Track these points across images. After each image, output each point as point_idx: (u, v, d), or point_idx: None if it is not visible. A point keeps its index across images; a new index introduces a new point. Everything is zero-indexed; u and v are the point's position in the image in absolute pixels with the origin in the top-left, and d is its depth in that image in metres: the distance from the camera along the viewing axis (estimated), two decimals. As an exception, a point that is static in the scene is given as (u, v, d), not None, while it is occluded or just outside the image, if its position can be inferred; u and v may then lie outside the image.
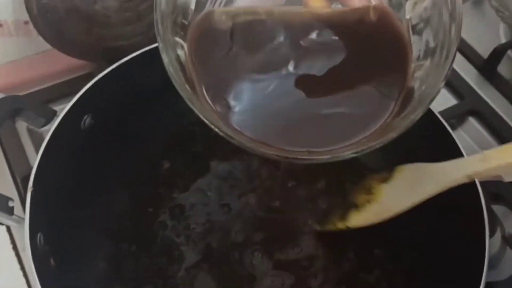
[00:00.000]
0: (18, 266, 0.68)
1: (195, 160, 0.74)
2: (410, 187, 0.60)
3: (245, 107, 0.50)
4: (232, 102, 0.49)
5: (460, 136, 0.85)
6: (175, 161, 0.74)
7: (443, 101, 0.88)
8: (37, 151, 0.61)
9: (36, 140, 0.77)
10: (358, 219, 0.63)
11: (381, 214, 0.61)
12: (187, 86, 0.47)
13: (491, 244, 0.69)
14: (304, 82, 0.51)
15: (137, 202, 0.71)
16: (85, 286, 0.64)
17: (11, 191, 0.74)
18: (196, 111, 0.45)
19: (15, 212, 0.58)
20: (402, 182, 0.61)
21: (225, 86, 0.50)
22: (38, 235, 0.56)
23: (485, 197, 0.59)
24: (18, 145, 0.78)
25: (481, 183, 0.59)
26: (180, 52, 0.48)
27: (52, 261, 0.59)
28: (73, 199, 0.63)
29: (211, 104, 0.49)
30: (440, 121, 0.65)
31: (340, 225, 0.65)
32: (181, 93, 0.46)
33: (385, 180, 0.64)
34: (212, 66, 0.51)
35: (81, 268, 0.64)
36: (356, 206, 0.64)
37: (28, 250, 0.53)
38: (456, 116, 0.87)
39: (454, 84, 0.89)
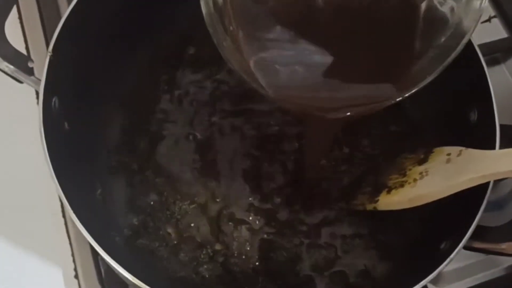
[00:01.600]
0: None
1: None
2: (449, 173, 0.54)
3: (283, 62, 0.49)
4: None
5: (500, 73, 0.81)
6: (201, 47, 0.73)
7: (493, 32, 0.84)
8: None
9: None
10: (388, 202, 0.58)
11: (414, 200, 0.56)
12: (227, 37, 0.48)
13: (503, 185, 0.69)
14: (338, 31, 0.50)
15: (155, 80, 0.72)
16: (95, 155, 0.66)
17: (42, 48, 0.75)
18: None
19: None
20: (441, 166, 0.56)
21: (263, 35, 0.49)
22: (54, 98, 0.58)
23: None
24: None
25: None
26: None
27: (66, 125, 0.61)
28: (93, 67, 0.63)
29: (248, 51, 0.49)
30: (476, 52, 0.62)
31: (369, 206, 0.61)
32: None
33: (421, 161, 0.59)
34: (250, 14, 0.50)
35: (94, 134, 0.66)
36: (387, 188, 0.60)
37: (40, 112, 0.55)
38: (504, 49, 0.82)
39: (508, 15, 0.84)
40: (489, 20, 0.85)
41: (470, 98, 0.62)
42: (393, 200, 0.58)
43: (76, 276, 0.66)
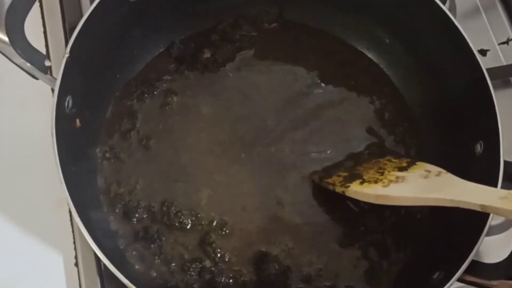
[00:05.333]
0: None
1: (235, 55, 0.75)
2: (422, 187, 0.57)
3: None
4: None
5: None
6: (217, 52, 0.74)
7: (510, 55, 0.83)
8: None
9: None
10: (357, 191, 0.61)
11: (381, 198, 0.59)
12: None
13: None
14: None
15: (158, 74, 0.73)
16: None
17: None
18: None
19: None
20: (417, 178, 0.59)
21: None
22: (68, 97, 0.59)
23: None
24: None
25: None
26: None
27: (78, 122, 0.62)
28: (108, 68, 0.65)
29: None
30: (488, 87, 0.62)
31: (338, 189, 0.63)
32: None
33: (401, 169, 0.62)
34: None
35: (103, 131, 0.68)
36: (362, 179, 0.63)
37: (54, 110, 0.56)
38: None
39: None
40: (507, 42, 0.84)
41: (478, 131, 0.63)
42: (362, 191, 0.61)
43: (76, 264, 0.68)
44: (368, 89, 0.75)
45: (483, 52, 0.82)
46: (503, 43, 0.84)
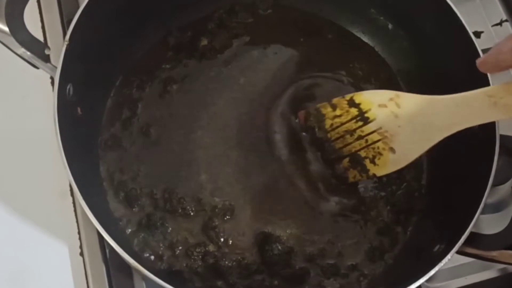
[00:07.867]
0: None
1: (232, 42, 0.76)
2: (421, 128, 0.57)
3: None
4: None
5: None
6: (214, 40, 0.75)
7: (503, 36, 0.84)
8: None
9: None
10: (385, 168, 0.62)
11: (399, 163, 0.60)
12: None
13: (501, 188, 0.70)
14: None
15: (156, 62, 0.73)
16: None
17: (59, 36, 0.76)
18: None
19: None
20: (394, 121, 0.58)
21: None
22: (68, 85, 0.60)
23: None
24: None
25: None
26: None
27: (79, 110, 0.63)
28: (107, 55, 0.66)
29: None
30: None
31: (365, 176, 0.64)
32: None
33: (360, 119, 0.62)
34: None
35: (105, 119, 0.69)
36: (366, 158, 0.63)
37: (55, 98, 0.57)
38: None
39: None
40: (500, 24, 0.85)
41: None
42: (388, 167, 0.61)
43: (82, 254, 0.69)
44: (364, 73, 0.75)
45: (477, 34, 0.83)
46: (496, 24, 0.85)
